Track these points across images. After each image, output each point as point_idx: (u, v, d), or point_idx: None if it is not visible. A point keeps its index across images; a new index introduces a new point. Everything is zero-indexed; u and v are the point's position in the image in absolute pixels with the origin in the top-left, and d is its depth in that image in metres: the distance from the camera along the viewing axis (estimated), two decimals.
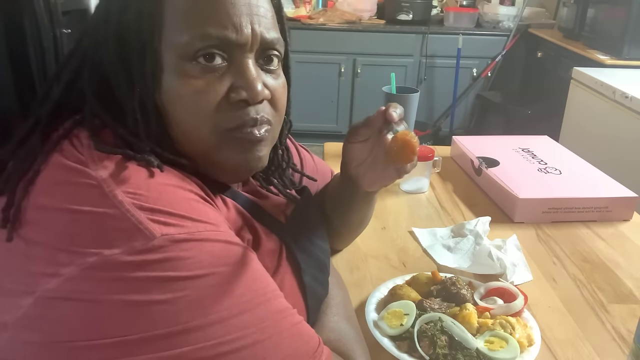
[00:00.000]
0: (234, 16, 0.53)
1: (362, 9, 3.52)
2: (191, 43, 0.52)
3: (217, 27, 0.52)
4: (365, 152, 0.70)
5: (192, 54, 0.52)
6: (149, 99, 0.53)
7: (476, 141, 1.36)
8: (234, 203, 0.58)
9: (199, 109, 0.53)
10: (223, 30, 0.52)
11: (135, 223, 0.43)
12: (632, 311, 0.81)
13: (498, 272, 0.87)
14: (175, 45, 0.52)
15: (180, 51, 0.52)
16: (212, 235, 0.47)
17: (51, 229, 0.44)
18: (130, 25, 0.52)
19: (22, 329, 0.43)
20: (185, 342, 0.43)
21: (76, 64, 0.55)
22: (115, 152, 0.48)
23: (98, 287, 0.42)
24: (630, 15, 2.45)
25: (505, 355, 0.64)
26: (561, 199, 1.07)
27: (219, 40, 0.52)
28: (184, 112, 0.53)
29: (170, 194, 0.47)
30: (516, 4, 3.49)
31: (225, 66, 0.54)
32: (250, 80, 0.54)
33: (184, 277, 0.43)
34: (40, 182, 0.47)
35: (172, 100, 0.53)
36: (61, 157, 0.48)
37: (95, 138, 0.50)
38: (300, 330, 0.51)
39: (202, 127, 0.54)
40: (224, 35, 0.52)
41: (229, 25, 0.52)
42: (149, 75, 0.52)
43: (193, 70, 0.52)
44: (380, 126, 0.68)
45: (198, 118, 0.53)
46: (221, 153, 0.55)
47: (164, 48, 0.52)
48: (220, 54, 0.53)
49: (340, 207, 0.81)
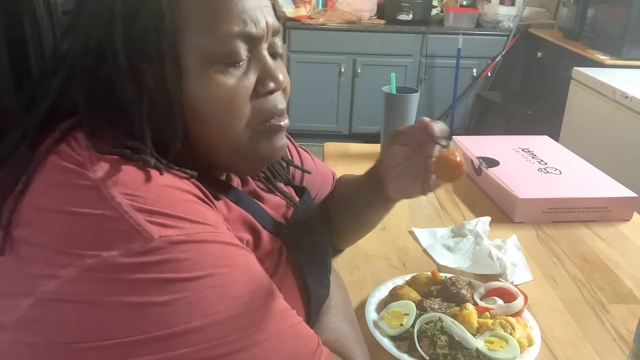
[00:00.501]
0: (250, 10, 0.53)
1: (362, 9, 3.51)
2: (218, 44, 0.52)
3: (239, 24, 0.52)
4: (402, 157, 0.70)
5: (219, 55, 0.52)
6: (173, 104, 0.51)
7: (476, 141, 1.36)
8: (234, 204, 0.58)
9: (234, 107, 0.54)
10: (245, 27, 0.53)
11: (134, 225, 0.43)
12: (632, 311, 0.81)
13: (498, 272, 0.87)
14: (199, 48, 0.51)
15: (206, 53, 0.52)
16: (211, 237, 0.46)
17: (49, 230, 0.44)
18: (144, 31, 0.50)
19: (21, 330, 0.43)
20: (185, 344, 0.43)
21: (65, 71, 0.53)
22: (112, 152, 0.48)
23: (97, 289, 0.42)
24: (630, 15, 2.45)
25: (505, 355, 0.64)
26: (561, 199, 1.07)
27: (242, 36, 0.53)
28: (218, 112, 0.53)
29: (169, 196, 0.47)
30: (516, 4, 3.50)
31: (247, 60, 0.55)
32: (273, 71, 0.56)
33: (183, 279, 0.43)
34: (38, 183, 0.47)
35: (201, 102, 0.52)
36: (58, 158, 0.48)
37: (93, 139, 0.49)
38: (300, 331, 0.51)
39: (236, 124, 0.54)
40: (246, 31, 0.53)
41: (248, 20, 0.53)
42: (171, 81, 0.51)
43: (221, 69, 0.52)
44: (419, 137, 0.68)
45: (233, 115, 0.54)
46: (253, 146, 0.56)
47: (184, 52, 0.51)
48: (244, 50, 0.54)
49: (355, 207, 0.81)
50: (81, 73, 0.52)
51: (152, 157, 0.49)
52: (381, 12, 3.58)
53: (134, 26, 0.50)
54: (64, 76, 0.52)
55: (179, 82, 0.51)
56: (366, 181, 0.78)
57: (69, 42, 0.53)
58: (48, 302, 0.42)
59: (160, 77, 0.51)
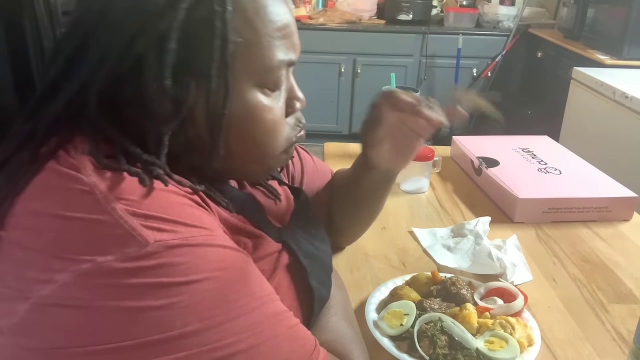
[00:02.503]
0: (295, 38, 0.56)
1: (362, 9, 3.52)
2: (270, 72, 0.54)
3: (288, 54, 0.55)
4: (382, 133, 0.71)
5: (268, 82, 0.54)
6: (219, 122, 0.52)
7: (476, 141, 1.36)
8: (237, 207, 0.58)
9: (276, 128, 0.57)
10: (292, 55, 0.56)
11: (129, 230, 0.43)
12: (632, 311, 0.81)
13: (498, 272, 0.87)
14: (250, 73, 0.53)
15: (257, 79, 0.53)
16: (207, 240, 0.46)
17: (44, 235, 0.44)
18: (202, 52, 0.50)
19: (18, 334, 0.43)
20: (181, 347, 0.42)
21: (85, 74, 0.50)
22: (121, 168, 0.47)
23: (92, 294, 0.42)
24: (630, 15, 2.45)
25: (505, 355, 0.64)
26: (561, 199, 1.07)
27: (288, 64, 0.56)
28: (260, 131, 0.55)
29: (164, 200, 0.46)
30: (516, 4, 3.50)
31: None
32: (298, 92, 0.60)
33: (179, 283, 0.43)
34: (33, 187, 0.47)
35: (245, 122, 0.54)
36: (55, 162, 0.48)
37: (94, 148, 0.48)
38: (296, 333, 0.51)
39: (276, 142, 0.58)
40: (292, 59, 0.56)
41: (293, 49, 0.56)
42: (221, 101, 0.51)
43: (266, 93, 0.55)
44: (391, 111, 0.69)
45: (275, 134, 0.57)
46: (277, 158, 0.59)
47: (235, 74, 0.52)
48: (284, 75, 0.57)
49: (352, 195, 0.81)
50: (106, 79, 0.50)
51: (163, 172, 0.48)
52: (381, 12, 3.58)
53: (191, 45, 0.50)
54: (84, 79, 0.50)
55: (228, 103, 0.52)
56: (357, 166, 0.78)
57: (99, 46, 0.50)
58: (44, 306, 0.42)
59: (209, 96, 0.51)
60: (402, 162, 0.75)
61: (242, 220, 0.57)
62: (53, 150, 0.49)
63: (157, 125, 0.50)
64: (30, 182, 0.47)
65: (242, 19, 0.51)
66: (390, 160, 0.74)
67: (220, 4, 0.50)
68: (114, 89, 0.50)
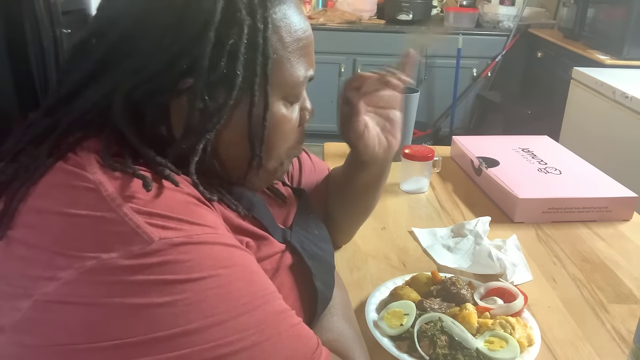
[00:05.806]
0: (313, 54, 0.60)
1: (362, 9, 3.52)
2: (296, 86, 0.58)
3: (310, 70, 0.60)
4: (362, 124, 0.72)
5: (293, 95, 0.58)
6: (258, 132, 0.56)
7: (476, 141, 1.37)
8: (242, 208, 0.58)
9: (290, 137, 0.61)
10: (312, 71, 0.60)
11: (133, 227, 0.43)
12: (632, 311, 0.81)
13: (498, 272, 0.87)
14: (280, 88, 0.56)
15: (285, 92, 0.57)
16: (210, 238, 0.46)
17: (49, 232, 0.44)
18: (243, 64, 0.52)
19: (21, 332, 0.43)
20: (184, 345, 0.43)
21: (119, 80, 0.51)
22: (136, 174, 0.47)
23: (97, 291, 0.42)
24: (630, 15, 2.45)
25: (505, 355, 0.64)
26: (561, 199, 1.07)
27: (311, 78, 0.60)
28: (276, 138, 0.58)
29: (168, 197, 0.47)
30: (516, 4, 3.49)
31: None
32: (309, 104, 0.64)
33: (183, 280, 0.43)
34: (40, 185, 0.47)
35: (268, 131, 0.57)
36: (62, 162, 0.48)
37: (105, 147, 0.49)
38: (299, 331, 0.51)
39: (284, 149, 0.61)
40: (313, 75, 0.61)
41: (314, 63, 0.60)
42: (262, 111, 0.55)
43: (287, 105, 0.59)
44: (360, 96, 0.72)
45: (286, 142, 0.61)
46: (281, 165, 0.63)
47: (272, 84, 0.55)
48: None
49: (347, 188, 0.81)
50: (140, 87, 0.50)
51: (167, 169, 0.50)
52: (381, 12, 3.57)
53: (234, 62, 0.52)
54: (119, 82, 0.51)
55: (268, 115, 0.55)
56: (350, 164, 0.79)
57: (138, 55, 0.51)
58: (47, 303, 0.42)
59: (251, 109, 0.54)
60: (391, 145, 0.74)
61: (247, 221, 0.58)
62: (65, 151, 0.49)
63: (191, 136, 0.52)
64: (38, 181, 0.47)
65: (276, 36, 0.55)
66: (380, 147, 0.73)
67: (262, 21, 0.53)
68: (144, 97, 0.51)
